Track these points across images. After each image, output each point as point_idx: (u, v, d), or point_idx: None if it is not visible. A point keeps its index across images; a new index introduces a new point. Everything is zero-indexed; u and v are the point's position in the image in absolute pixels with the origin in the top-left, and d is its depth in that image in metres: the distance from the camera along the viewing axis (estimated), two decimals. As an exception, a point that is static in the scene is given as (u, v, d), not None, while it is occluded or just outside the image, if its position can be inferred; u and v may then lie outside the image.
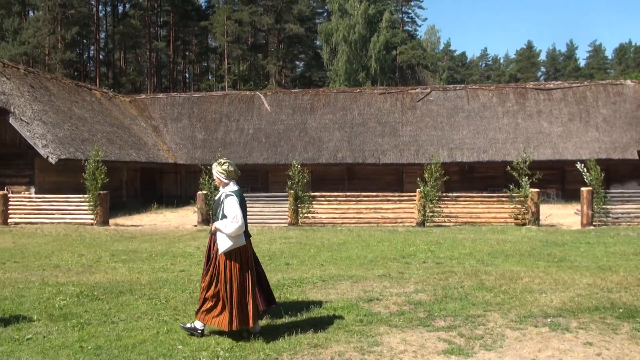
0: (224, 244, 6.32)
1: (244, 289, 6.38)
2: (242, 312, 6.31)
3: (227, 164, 6.62)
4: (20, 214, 20.48)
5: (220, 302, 6.39)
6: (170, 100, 36.83)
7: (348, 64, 57.09)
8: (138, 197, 29.97)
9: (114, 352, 6.02)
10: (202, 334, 6.50)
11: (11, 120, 22.58)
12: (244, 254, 6.44)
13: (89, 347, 6.19)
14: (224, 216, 6.33)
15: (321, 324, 6.83)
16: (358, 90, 36.14)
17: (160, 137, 33.94)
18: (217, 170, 6.59)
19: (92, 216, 19.88)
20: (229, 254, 6.37)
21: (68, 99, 28.45)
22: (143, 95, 40.42)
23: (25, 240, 15.99)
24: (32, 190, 22.56)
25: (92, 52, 74.02)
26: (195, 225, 19.14)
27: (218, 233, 6.37)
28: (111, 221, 20.25)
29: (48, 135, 22.93)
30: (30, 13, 68.55)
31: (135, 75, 72.61)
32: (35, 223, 19.79)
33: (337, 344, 6.08)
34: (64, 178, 23.37)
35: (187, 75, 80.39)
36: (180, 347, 6.12)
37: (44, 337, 6.65)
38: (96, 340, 6.46)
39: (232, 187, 6.59)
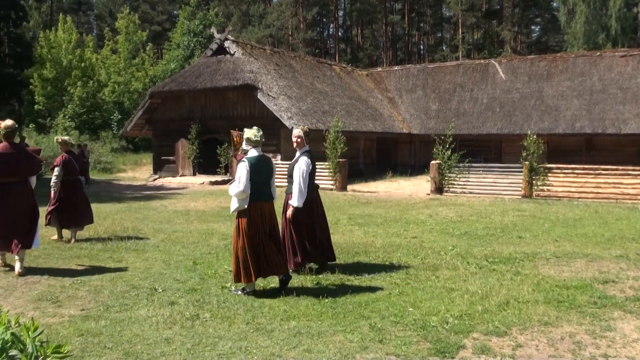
0: (232, 204, 6.77)
1: (252, 246, 6.63)
2: (241, 269, 6.68)
3: (246, 132, 6.91)
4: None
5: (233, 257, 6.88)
6: (405, 72, 37.05)
7: (586, 25, 52.45)
8: (374, 165, 30.76)
9: (349, 307, 6.23)
10: (245, 292, 6.80)
11: (259, 96, 24.49)
12: (253, 214, 6.65)
13: (326, 300, 6.52)
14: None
15: (552, 301, 6.43)
16: (598, 53, 32.90)
17: (395, 108, 34.38)
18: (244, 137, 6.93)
19: (332, 182, 20.89)
20: (238, 214, 6.71)
21: (310, 75, 30.04)
22: (379, 69, 41.25)
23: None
24: (278, 157, 24.21)
25: (331, 30, 77.23)
26: (428, 194, 19.09)
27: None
28: (349, 187, 21.05)
29: (292, 109, 24.43)
30: (274, -1, 73.25)
31: (372, 49, 74.35)
32: (279, 186, 21.20)
33: (568, 324, 5.68)
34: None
35: (421, 47, 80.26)
36: (410, 309, 6.14)
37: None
38: (333, 294, 6.77)
39: (252, 152, 6.84)
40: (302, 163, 7.64)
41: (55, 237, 10.63)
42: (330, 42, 77.97)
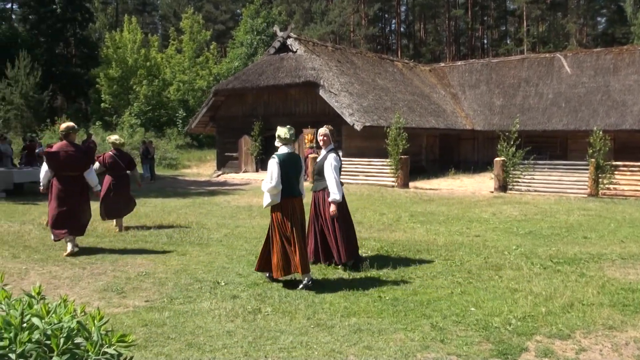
0: (264, 199, 7.02)
1: (288, 239, 6.91)
2: (269, 262, 7.02)
3: (278, 130, 7.13)
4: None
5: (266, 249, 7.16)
6: (469, 67, 36.42)
7: (653, 15, 50.36)
8: (436, 162, 30.39)
9: (410, 305, 6.16)
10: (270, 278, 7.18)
11: (321, 93, 24.53)
12: (285, 209, 6.92)
13: (387, 298, 6.45)
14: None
15: (617, 304, 6.19)
16: (666, 45, 31.45)
17: (458, 104, 33.86)
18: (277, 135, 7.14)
19: (393, 179, 20.75)
20: (272, 209, 7.02)
21: (372, 71, 29.91)
22: (442, 64, 40.72)
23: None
24: (340, 154, 24.21)
25: (393, 25, 76.74)
26: (492, 192, 18.72)
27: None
28: (410, 184, 20.84)
29: (354, 105, 24.37)
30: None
31: (435, 44, 73.53)
32: (342, 183, 21.23)
33: (633, 329, 5.46)
34: (367, 143, 24.66)
35: (485, 41, 78.81)
36: (472, 309, 6.04)
37: (347, 282, 7.09)
38: (394, 292, 6.70)
39: (282, 150, 7.06)
40: (331, 159, 7.89)
41: (117, 229, 11.02)
42: (392, 37, 77.54)
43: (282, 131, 7.09)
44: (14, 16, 54.55)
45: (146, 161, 25.15)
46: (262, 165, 27.23)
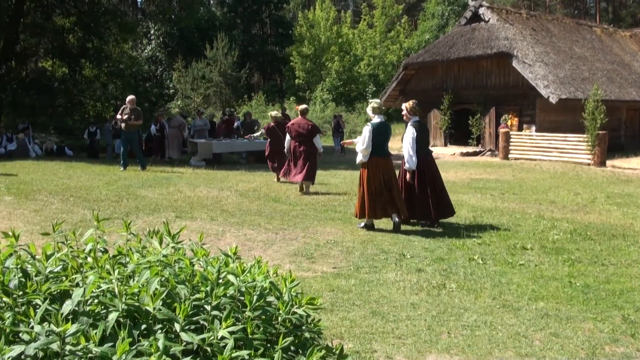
0: (357, 158, 8.82)
1: (370, 192, 8.51)
2: (362, 208, 8.64)
3: (372, 102, 8.92)
4: (520, 150, 21.48)
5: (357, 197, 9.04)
6: (681, 32, 32.78)
7: None
8: (636, 138, 27.82)
9: (601, 294, 5.79)
10: (366, 226, 8.75)
11: (514, 64, 23.45)
12: (370, 167, 8.58)
13: (577, 284, 6.11)
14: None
15: None
16: None
17: (668, 74, 30.66)
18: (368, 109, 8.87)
19: (589, 156, 19.38)
20: (361, 165, 8.76)
21: (568, 39, 27.99)
22: (646, 29, 37.02)
23: (523, 174, 16.56)
24: (533, 128, 23.11)
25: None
26: None
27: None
28: (608, 162, 19.34)
29: (549, 76, 23.03)
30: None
31: (636, 7, 66.86)
32: (534, 160, 20.40)
33: None
34: (562, 117, 23.22)
35: None
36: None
37: (536, 265, 6.81)
38: (585, 278, 6.33)
39: (375, 119, 8.67)
40: (408, 132, 8.97)
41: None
42: (590, 0, 71.75)
43: (376, 103, 8.81)
44: (211, 1, 58.36)
45: (337, 134, 25.88)
46: (450, 139, 26.79)
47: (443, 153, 24.30)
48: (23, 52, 28.12)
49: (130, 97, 16.43)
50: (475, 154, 23.97)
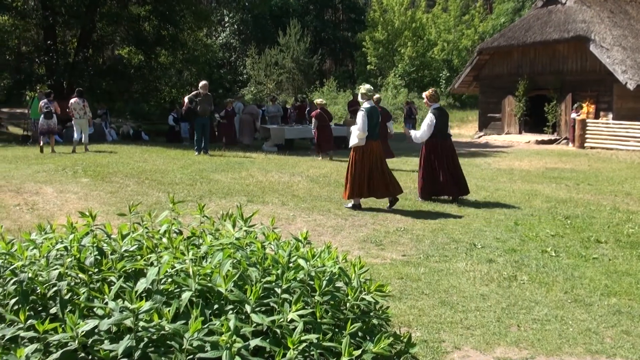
0: (351, 140, 9.23)
1: (360, 174, 8.99)
2: (352, 189, 9.06)
3: (361, 88, 9.42)
4: (597, 138, 20.74)
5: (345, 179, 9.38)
6: None
7: None
8: None
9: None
10: (353, 206, 9.15)
11: (591, 48, 22.58)
12: (365, 150, 9.03)
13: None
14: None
15: None
16: None
17: None
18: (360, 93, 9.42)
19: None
20: (354, 149, 9.15)
21: (650, 22, 26.72)
22: None
23: (599, 164, 15.99)
24: (610, 116, 22.25)
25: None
26: None
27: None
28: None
29: (627, 61, 22.06)
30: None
31: None
32: (611, 149, 19.68)
33: None
34: (642, 104, 22.29)
35: None
36: None
37: (609, 259, 6.59)
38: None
39: (365, 104, 9.12)
40: (427, 118, 9.83)
41: None
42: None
43: (365, 89, 9.28)
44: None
45: (409, 121, 25.70)
46: (525, 127, 26.11)
47: (517, 141, 23.74)
48: (100, 40, 29.16)
49: (202, 83, 16.75)
50: (550, 142, 23.30)
